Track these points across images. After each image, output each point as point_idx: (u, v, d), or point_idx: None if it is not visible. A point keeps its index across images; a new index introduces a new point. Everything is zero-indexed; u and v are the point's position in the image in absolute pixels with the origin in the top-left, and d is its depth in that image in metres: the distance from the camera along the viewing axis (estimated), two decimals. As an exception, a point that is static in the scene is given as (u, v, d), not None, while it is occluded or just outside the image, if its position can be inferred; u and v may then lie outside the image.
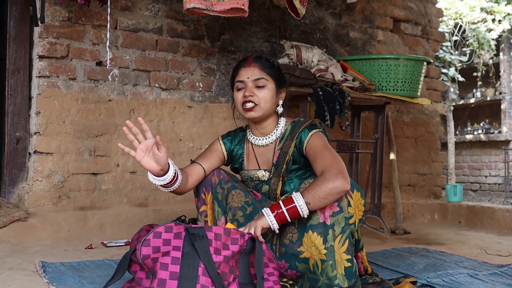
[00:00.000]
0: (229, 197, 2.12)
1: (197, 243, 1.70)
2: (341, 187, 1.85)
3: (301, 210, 1.85)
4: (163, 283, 1.65)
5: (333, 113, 3.09)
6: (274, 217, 1.87)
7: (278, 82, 2.18)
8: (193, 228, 1.75)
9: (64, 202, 3.20)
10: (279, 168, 2.13)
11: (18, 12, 3.26)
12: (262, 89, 2.12)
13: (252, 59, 2.18)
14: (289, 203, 1.87)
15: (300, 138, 2.10)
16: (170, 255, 1.69)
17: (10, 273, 2.19)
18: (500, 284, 2.22)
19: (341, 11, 4.34)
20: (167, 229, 1.74)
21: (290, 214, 1.86)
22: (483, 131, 8.67)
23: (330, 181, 1.85)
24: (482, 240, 3.46)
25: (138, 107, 3.45)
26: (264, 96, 2.12)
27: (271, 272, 1.79)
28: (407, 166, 4.72)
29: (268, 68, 2.16)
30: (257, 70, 2.14)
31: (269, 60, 2.20)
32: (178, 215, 3.26)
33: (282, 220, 1.87)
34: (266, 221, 1.87)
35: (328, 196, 1.84)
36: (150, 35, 3.51)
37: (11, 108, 3.22)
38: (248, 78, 2.13)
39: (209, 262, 1.69)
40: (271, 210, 1.88)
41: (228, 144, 2.27)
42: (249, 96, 2.11)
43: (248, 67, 2.15)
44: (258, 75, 2.13)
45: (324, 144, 2.05)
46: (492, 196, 8.17)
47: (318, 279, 1.87)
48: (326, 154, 1.98)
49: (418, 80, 3.48)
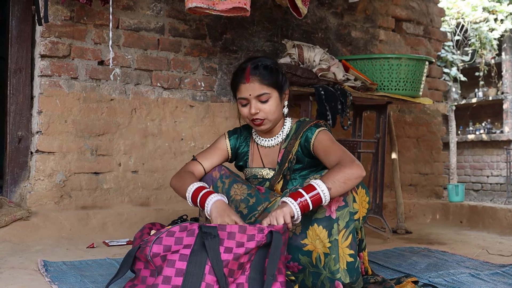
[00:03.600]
0: (231, 191, 2.12)
1: (207, 242, 1.69)
2: (358, 172, 1.89)
3: (324, 197, 1.81)
4: (168, 280, 1.64)
5: (335, 112, 3.09)
6: (298, 205, 1.81)
7: (281, 87, 2.14)
8: (206, 226, 1.73)
9: (66, 201, 3.20)
10: (282, 166, 2.14)
11: (20, 12, 3.26)
12: (266, 102, 2.09)
13: (250, 72, 2.08)
14: (310, 190, 1.82)
15: (306, 136, 2.10)
16: (179, 252, 1.68)
17: (12, 272, 2.19)
18: (502, 284, 2.21)
19: (343, 11, 4.34)
20: (182, 229, 1.73)
21: (313, 202, 1.82)
22: (485, 131, 8.66)
23: (347, 167, 1.88)
24: (484, 240, 3.45)
25: (140, 107, 3.45)
26: (270, 109, 2.10)
27: (280, 269, 1.76)
28: (408, 166, 4.71)
29: (268, 79, 2.09)
30: (257, 85, 2.08)
31: (267, 67, 2.11)
32: (179, 214, 3.27)
33: (305, 209, 1.82)
34: (292, 209, 1.80)
35: (347, 181, 1.86)
36: (152, 34, 3.51)
37: (13, 107, 3.23)
38: (250, 95, 2.09)
39: (217, 261, 1.67)
40: (293, 198, 1.82)
41: (234, 141, 2.27)
42: (256, 114, 2.09)
43: (247, 83, 2.08)
44: (259, 90, 2.08)
45: (332, 140, 2.07)
46: (494, 196, 8.17)
47: (320, 272, 1.87)
48: (336, 148, 2.01)
49: (420, 79, 3.48)
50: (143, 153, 3.46)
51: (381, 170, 3.68)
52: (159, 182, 3.50)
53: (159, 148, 3.51)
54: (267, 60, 2.14)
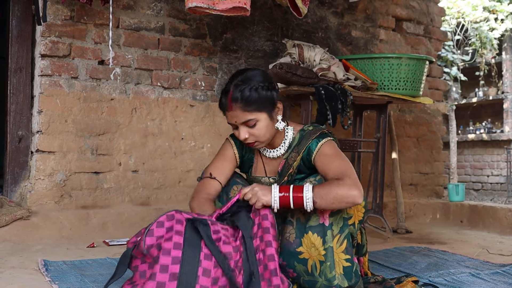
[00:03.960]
0: (231, 192, 2.13)
1: (200, 228, 1.72)
2: (353, 198, 1.79)
3: (306, 204, 1.81)
4: (166, 268, 1.66)
5: (335, 112, 3.09)
6: (279, 197, 1.82)
7: (268, 106, 2.00)
8: (195, 217, 1.77)
9: (66, 200, 3.20)
10: (281, 178, 2.10)
11: (20, 11, 3.26)
12: (254, 127, 1.98)
13: (231, 99, 1.95)
14: (298, 191, 1.82)
15: (308, 149, 2.03)
16: (173, 240, 1.70)
17: (13, 272, 2.19)
18: (502, 283, 2.21)
19: (343, 10, 4.33)
20: (169, 218, 1.75)
21: (294, 202, 1.82)
22: (485, 130, 8.66)
23: (345, 188, 1.79)
24: (484, 240, 3.45)
25: (140, 106, 3.45)
26: (259, 132, 2.00)
27: (269, 242, 1.79)
28: (409, 166, 4.71)
29: (251, 104, 1.95)
30: (240, 112, 1.96)
31: (250, 89, 1.95)
32: (180, 214, 3.26)
33: (285, 204, 1.83)
34: (269, 198, 1.82)
35: (336, 202, 1.79)
36: (152, 34, 3.51)
37: (13, 107, 3.23)
38: (236, 122, 1.99)
39: (212, 244, 1.70)
40: (279, 189, 1.83)
41: (240, 147, 2.19)
42: (245, 139, 2.01)
43: (230, 111, 1.97)
44: (243, 117, 1.97)
45: (335, 153, 1.98)
46: (494, 195, 8.17)
47: (316, 280, 1.86)
48: (338, 164, 1.92)
49: (420, 79, 3.47)
50: (143, 152, 3.46)
51: (382, 170, 3.68)
52: (159, 181, 3.50)
53: (159, 147, 3.51)
54: (250, 81, 1.97)
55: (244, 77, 1.99)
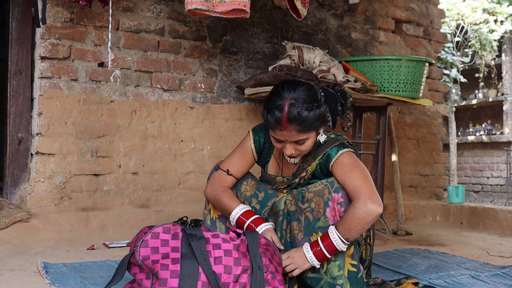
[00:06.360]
0: (242, 187, 2.13)
1: (193, 243, 1.72)
2: (373, 213, 1.84)
3: (339, 247, 1.85)
4: (165, 282, 1.66)
5: (335, 114, 3.09)
6: (314, 255, 1.86)
7: (320, 124, 1.97)
8: (190, 229, 1.78)
9: (66, 203, 3.20)
10: (294, 178, 2.08)
11: (20, 13, 3.26)
12: (303, 144, 1.96)
13: (287, 120, 1.87)
14: (325, 239, 1.86)
15: (327, 156, 2.00)
16: (170, 257, 1.70)
17: (12, 274, 2.19)
18: (502, 285, 2.21)
19: (343, 12, 4.34)
20: (165, 230, 1.76)
21: (328, 251, 1.86)
22: (485, 132, 8.66)
23: (361, 208, 1.83)
24: (484, 241, 3.45)
25: (140, 108, 3.45)
26: (306, 148, 1.98)
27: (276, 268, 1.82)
28: (409, 167, 4.71)
29: (308, 126, 1.90)
30: (295, 133, 1.91)
31: (307, 110, 1.88)
32: (180, 216, 3.25)
33: (323, 258, 1.87)
34: (308, 264, 1.87)
35: (363, 224, 1.84)
36: (152, 36, 3.52)
37: (13, 109, 3.23)
38: (286, 140, 1.94)
39: (205, 261, 1.70)
40: (310, 247, 1.88)
41: (258, 143, 2.14)
42: (292, 155, 1.99)
43: (284, 131, 1.90)
44: (297, 137, 1.92)
45: (353, 163, 1.95)
46: (494, 197, 8.16)
47: (321, 278, 1.88)
48: (356, 176, 1.91)
49: (420, 81, 3.48)
50: (143, 154, 3.46)
51: (381, 172, 3.68)
52: (159, 183, 3.50)
53: (159, 149, 3.51)
54: (305, 100, 1.89)
55: (298, 95, 1.90)
